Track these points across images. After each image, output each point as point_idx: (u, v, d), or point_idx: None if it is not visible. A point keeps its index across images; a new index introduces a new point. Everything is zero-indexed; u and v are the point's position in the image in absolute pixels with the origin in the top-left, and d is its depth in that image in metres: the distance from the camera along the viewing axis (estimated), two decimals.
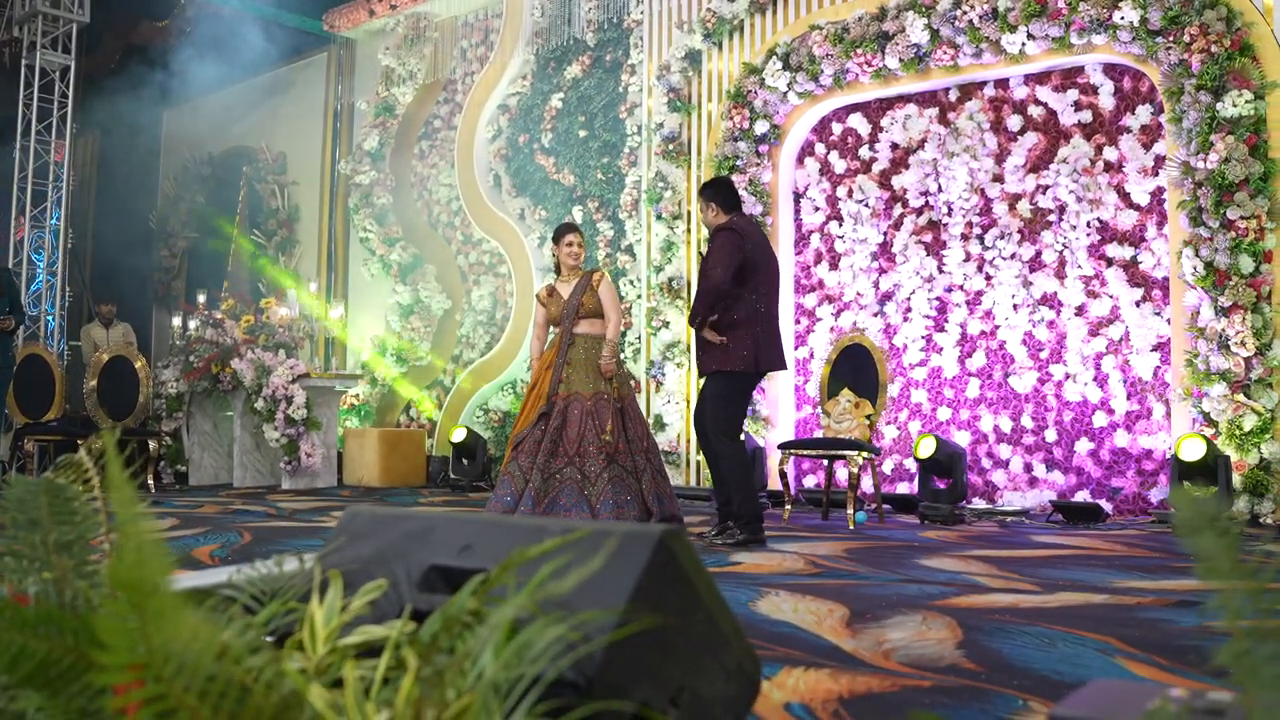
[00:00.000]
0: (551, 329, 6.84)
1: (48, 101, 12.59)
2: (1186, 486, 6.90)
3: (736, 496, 5.78)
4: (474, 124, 12.18)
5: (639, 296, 10.52)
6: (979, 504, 8.43)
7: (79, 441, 9.82)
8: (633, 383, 6.99)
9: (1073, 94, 8.47)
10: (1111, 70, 8.31)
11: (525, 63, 11.94)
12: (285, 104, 14.39)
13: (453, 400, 11.94)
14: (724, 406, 5.85)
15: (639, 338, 10.48)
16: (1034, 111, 8.65)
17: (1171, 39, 7.60)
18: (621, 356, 7.59)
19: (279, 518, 7.30)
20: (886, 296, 9.26)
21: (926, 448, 7.82)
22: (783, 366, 6.11)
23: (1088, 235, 8.33)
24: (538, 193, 11.77)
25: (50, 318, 12.73)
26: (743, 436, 6.09)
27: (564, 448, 6.30)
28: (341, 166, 13.45)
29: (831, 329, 9.50)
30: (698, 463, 9.87)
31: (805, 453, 7.84)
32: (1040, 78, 8.65)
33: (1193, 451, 7.03)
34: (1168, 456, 7.72)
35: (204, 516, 7.19)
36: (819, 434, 9.19)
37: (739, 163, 9.68)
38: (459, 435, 10.77)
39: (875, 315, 9.30)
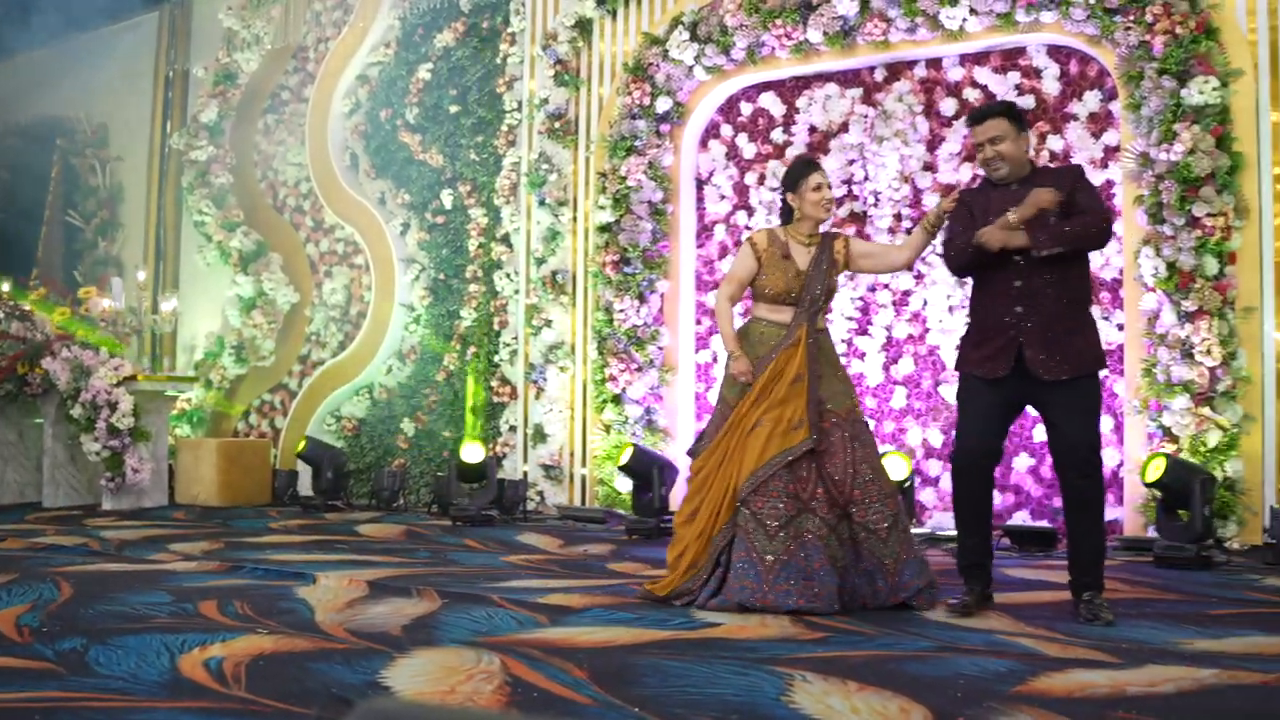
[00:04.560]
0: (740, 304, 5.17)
1: None
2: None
3: (1094, 549, 4.42)
4: (329, 96, 10.90)
5: (516, 292, 9.44)
6: None
7: None
8: None
9: (1014, 77, 7.72)
10: (1056, 53, 7.62)
11: (389, 28, 10.70)
12: (107, 69, 12.81)
13: (300, 406, 10.62)
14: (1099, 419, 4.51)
15: (515, 338, 9.39)
16: (971, 95, 7.87)
17: (1132, 18, 6.97)
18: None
19: (104, 555, 6.01)
20: None
21: (1155, 469, 6.34)
22: None
23: None
24: (401, 174, 10.51)
25: None
26: None
27: (836, 489, 4.52)
28: (173, 140, 12.01)
29: None
30: (582, 478, 8.85)
31: None
32: (978, 58, 7.89)
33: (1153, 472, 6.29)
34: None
35: (6, 556, 5.82)
36: None
37: (637, 143, 8.69)
38: (317, 448, 9.47)
39: None
